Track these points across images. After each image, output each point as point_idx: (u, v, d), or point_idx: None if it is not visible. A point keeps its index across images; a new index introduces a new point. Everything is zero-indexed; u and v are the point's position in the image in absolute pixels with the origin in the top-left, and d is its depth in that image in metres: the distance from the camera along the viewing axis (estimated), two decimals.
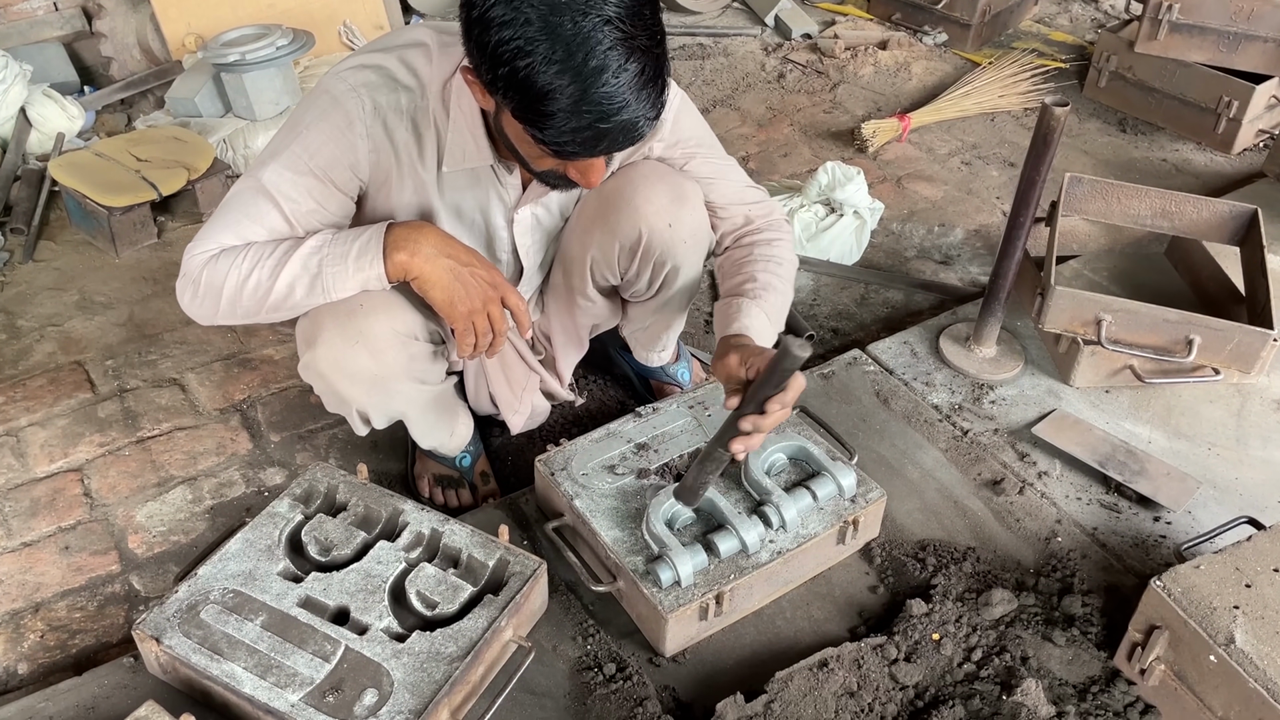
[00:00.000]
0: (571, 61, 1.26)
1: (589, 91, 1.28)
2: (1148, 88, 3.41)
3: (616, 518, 1.76)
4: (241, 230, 1.53)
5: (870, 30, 4.04)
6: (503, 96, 1.35)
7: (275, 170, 1.53)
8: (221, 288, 1.52)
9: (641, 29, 1.30)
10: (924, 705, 1.63)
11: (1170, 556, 1.89)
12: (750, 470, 1.79)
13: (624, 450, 1.88)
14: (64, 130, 3.04)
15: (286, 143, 1.54)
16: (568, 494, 1.79)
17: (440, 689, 1.51)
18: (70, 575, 1.91)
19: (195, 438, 2.19)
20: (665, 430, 1.92)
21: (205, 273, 1.53)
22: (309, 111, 1.55)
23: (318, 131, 1.53)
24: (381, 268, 1.50)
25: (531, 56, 1.27)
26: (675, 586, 1.66)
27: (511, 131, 1.44)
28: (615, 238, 1.77)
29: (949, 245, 2.88)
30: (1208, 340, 2.13)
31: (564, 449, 1.88)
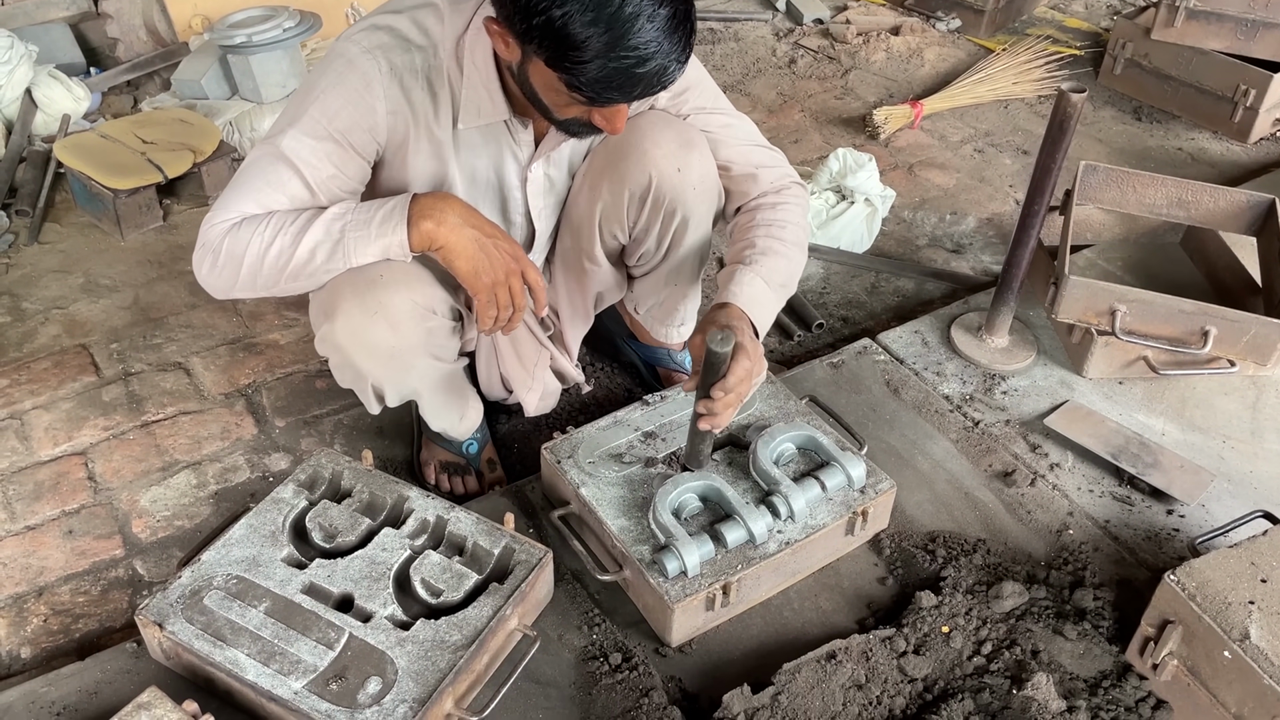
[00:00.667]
0: (606, 9, 1.30)
1: (624, 38, 1.31)
2: (1164, 75, 3.37)
3: (623, 506, 1.74)
4: (262, 198, 1.52)
5: (883, 16, 4.00)
6: (536, 46, 1.37)
7: (294, 136, 1.51)
8: (243, 256, 1.50)
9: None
10: (933, 698, 1.62)
11: (1183, 550, 1.87)
12: (758, 460, 1.78)
13: (631, 439, 1.86)
14: (69, 112, 3.03)
15: (303, 108, 1.52)
16: (574, 482, 1.77)
17: (444, 677, 1.50)
18: (73, 559, 1.90)
19: (200, 422, 2.18)
20: (673, 419, 1.90)
21: (226, 241, 1.51)
22: (324, 76, 1.53)
23: (335, 95, 1.51)
24: (405, 234, 1.50)
25: (566, 5, 1.30)
26: (681, 577, 1.64)
27: (540, 80, 1.44)
28: (625, 185, 1.74)
29: (961, 233, 2.85)
30: (1224, 331, 2.11)
31: (570, 437, 1.86)
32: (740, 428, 1.88)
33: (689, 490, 1.74)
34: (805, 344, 2.44)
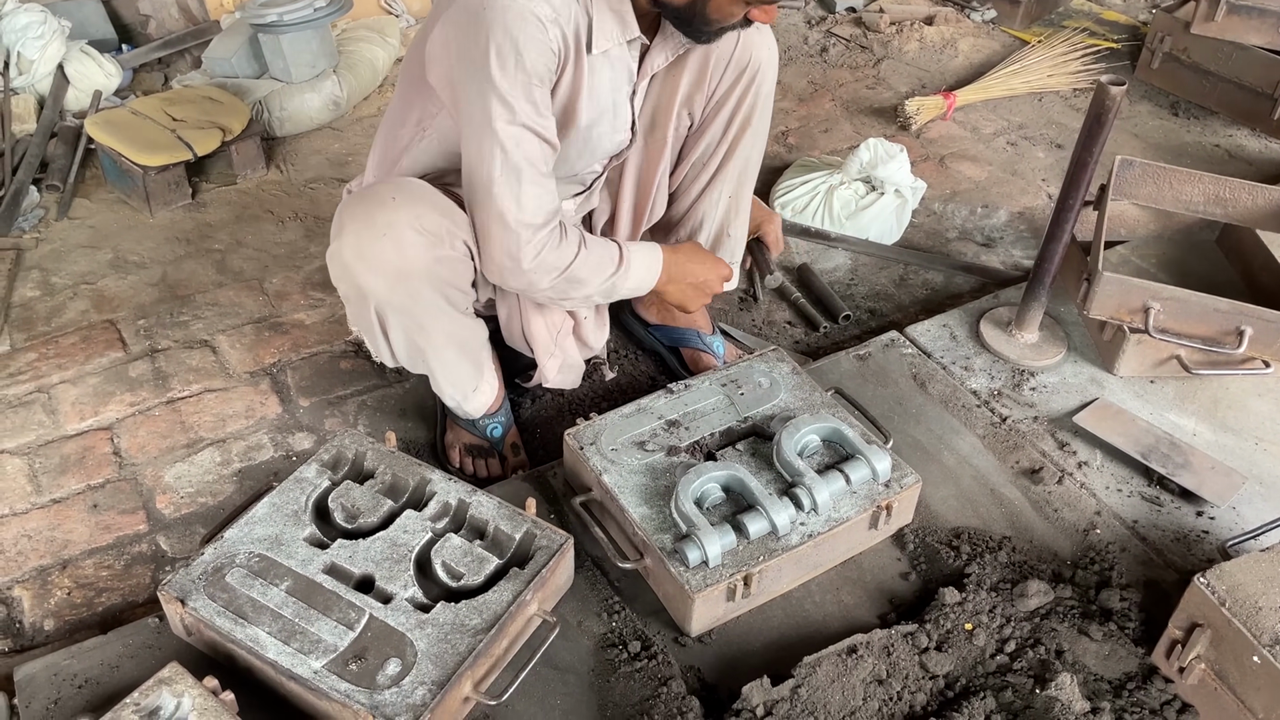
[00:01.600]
0: None
1: None
2: (1202, 70, 3.31)
3: (645, 494, 1.73)
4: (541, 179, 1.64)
5: (917, 5, 3.95)
6: None
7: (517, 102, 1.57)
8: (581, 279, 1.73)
9: None
10: (954, 695, 1.60)
11: (1212, 553, 1.84)
12: (782, 451, 1.76)
13: (654, 426, 1.85)
14: (101, 88, 3.04)
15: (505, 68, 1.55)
16: (596, 469, 1.77)
17: (464, 661, 1.49)
18: (98, 533, 1.91)
19: (225, 400, 2.19)
20: (696, 408, 1.89)
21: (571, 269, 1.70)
22: (505, 30, 1.53)
23: (527, 49, 1.54)
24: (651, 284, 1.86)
25: None
26: (703, 566, 1.63)
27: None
28: (714, 51, 1.86)
29: (992, 227, 2.82)
30: (1259, 332, 2.07)
31: (594, 423, 1.85)
32: (765, 418, 1.87)
33: (711, 480, 1.72)
34: (832, 335, 2.42)
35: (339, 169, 2.94)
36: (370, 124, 3.15)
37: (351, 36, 3.26)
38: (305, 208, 2.77)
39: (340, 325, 2.36)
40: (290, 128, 3.04)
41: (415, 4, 3.60)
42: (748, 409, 1.89)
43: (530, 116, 1.59)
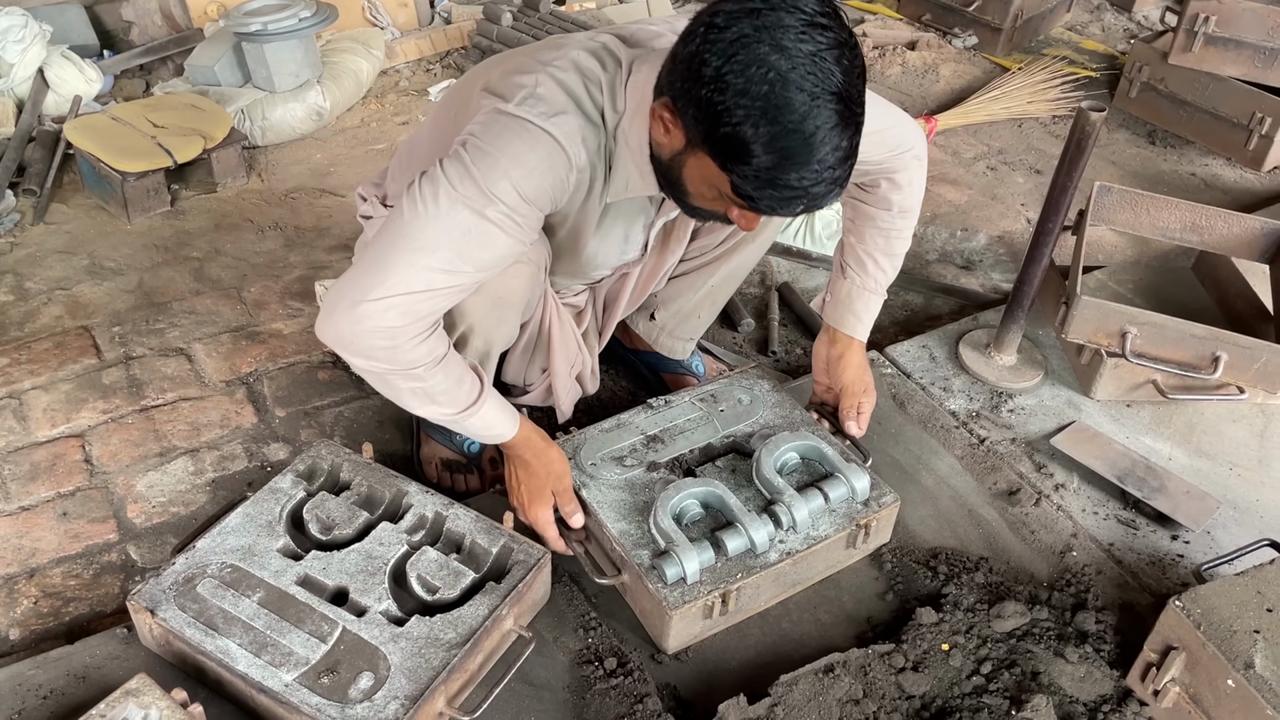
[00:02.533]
0: (796, 136, 1.28)
1: (805, 166, 1.31)
2: (1179, 100, 3.36)
3: (624, 510, 1.73)
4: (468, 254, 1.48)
5: (899, 30, 3.99)
6: (711, 148, 1.35)
7: (504, 205, 1.46)
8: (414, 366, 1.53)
9: (859, 105, 1.33)
10: (930, 716, 1.60)
11: (1187, 576, 1.85)
12: (761, 468, 1.76)
13: (634, 442, 1.85)
14: (81, 93, 3.01)
15: (509, 177, 1.45)
16: (576, 484, 1.76)
17: (438, 675, 1.48)
18: (67, 542, 1.88)
19: (199, 409, 2.16)
20: (676, 424, 1.89)
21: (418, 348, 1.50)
22: (527, 149, 1.46)
23: (540, 176, 1.48)
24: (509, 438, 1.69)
25: (758, 127, 1.28)
26: (681, 583, 1.62)
27: (697, 173, 1.42)
28: None
29: (971, 250, 2.84)
30: (1234, 358, 2.09)
31: (574, 437, 1.85)
32: (745, 435, 1.87)
33: (690, 496, 1.72)
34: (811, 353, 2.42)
35: (321, 179, 2.92)
36: (353, 135, 3.14)
37: (336, 47, 3.25)
38: (286, 217, 2.76)
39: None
40: (272, 137, 3.03)
41: (400, 17, 3.61)
42: (727, 425, 1.89)
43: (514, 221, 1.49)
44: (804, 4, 1.30)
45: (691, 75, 1.32)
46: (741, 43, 1.27)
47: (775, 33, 1.27)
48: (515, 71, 1.53)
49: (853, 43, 1.32)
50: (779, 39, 1.27)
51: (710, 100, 1.30)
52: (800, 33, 1.27)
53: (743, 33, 1.28)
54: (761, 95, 1.27)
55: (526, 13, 3.51)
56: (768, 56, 1.26)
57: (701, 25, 1.33)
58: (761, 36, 1.27)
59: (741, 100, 1.28)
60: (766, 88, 1.27)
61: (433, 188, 1.46)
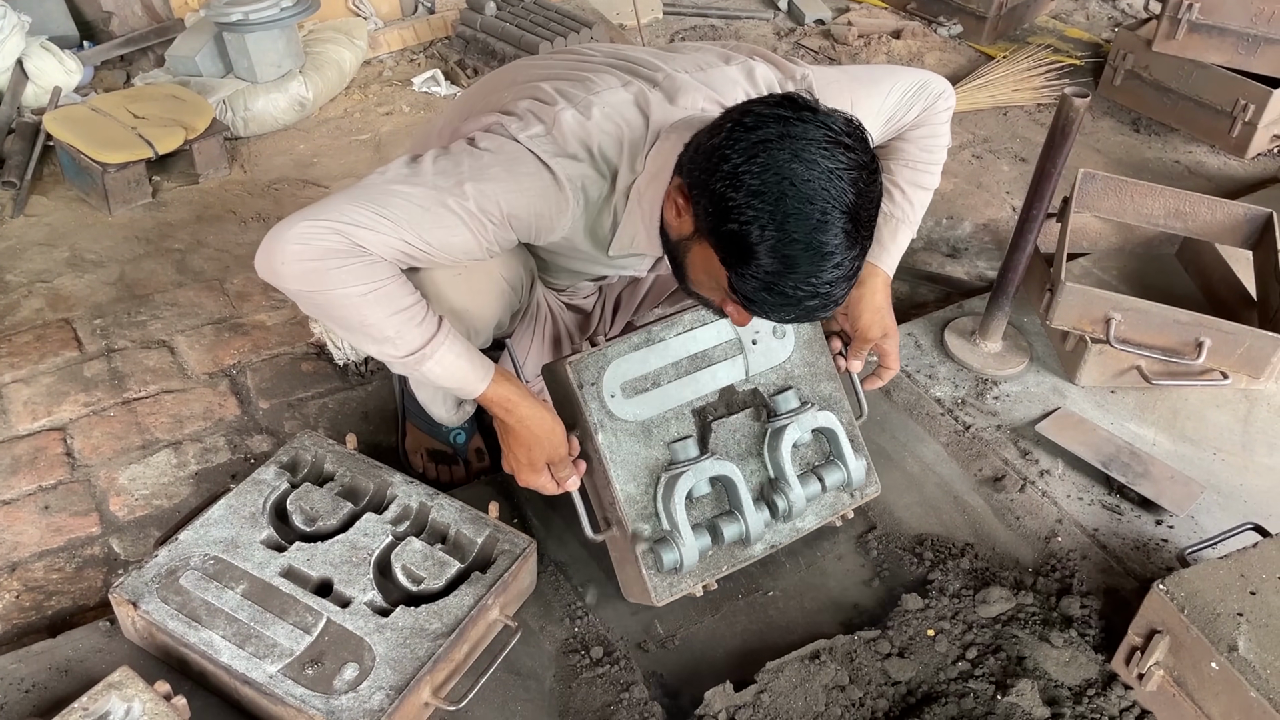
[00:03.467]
0: (800, 248, 1.29)
1: (806, 279, 1.31)
2: (1163, 88, 3.36)
3: (634, 468, 1.63)
4: (417, 227, 1.43)
5: (885, 18, 3.99)
6: (716, 243, 1.35)
7: (476, 206, 1.44)
8: (339, 289, 1.40)
9: (868, 228, 1.34)
10: (916, 701, 1.60)
11: (1171, 561, 1.86)
12: (778, 449, 1.69)
13: (660, 369, 1.69)
14: (61, 84, 2.98)
15: (494, 194, 1.44)
16: (591, 424, 1.62)
17: (423, 665, 1.47)
18: (49, 535, 1.87)
19: (182, 401, 2.15)
20: (707, 350, 1.73)
21: (338, 267, 1.39)
22: (526, 178, 1.46)
23: (529, 202, 1.47)
24: (478, 395, 1.55)
25: (765, 230, 1.29)
26: (673, 572, 1.62)
27: (700, 262, 1.42)
28: None
29: (957, 238, 2.84)
30: (1218, 343, 2.10)
31: (599, 353, 1.65)
32: (770, 389, 1.77)
33: (702, 476, 1.65)
34: None
35: (304, 170, 2.91)
36: (336, 125, 3.12)
37: (318, 38, 3.23)
38: (269, 208, 2.74)
39: (301, 327, 2.32)
40: (255, 128, 3.01)
41: (384, 7, 3.58)
42: (756, 365, 1.76)
43: (477, 220, 1.46)
44: (833, 121, 1.31)
45: (710, 167, 1.33)
46: (764, 145, 1.29)
47: (799, 143, 1.28)
48: (545, 98, 1.51)
49: (874, 167, 1.33)
50: (801, 149, 1.28)
51: (723, 195, 1.31)
52: (823, 147, 1.28)
53: (767, 136, 1.29)
54: (774, 200, 1.27)
55: (510, 2, 3.49)
56: (787, 164, 1.27)
57: (730, 121, 1.33)
58: (785, 144, 1.28)
59: (754, 201, 1.28)
60: (780, 193, 1.27)
61: (415, 165, 1.45)
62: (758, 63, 1.63)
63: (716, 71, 1.60)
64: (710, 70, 1.60)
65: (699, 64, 1.62)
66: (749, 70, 1.62)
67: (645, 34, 3.67)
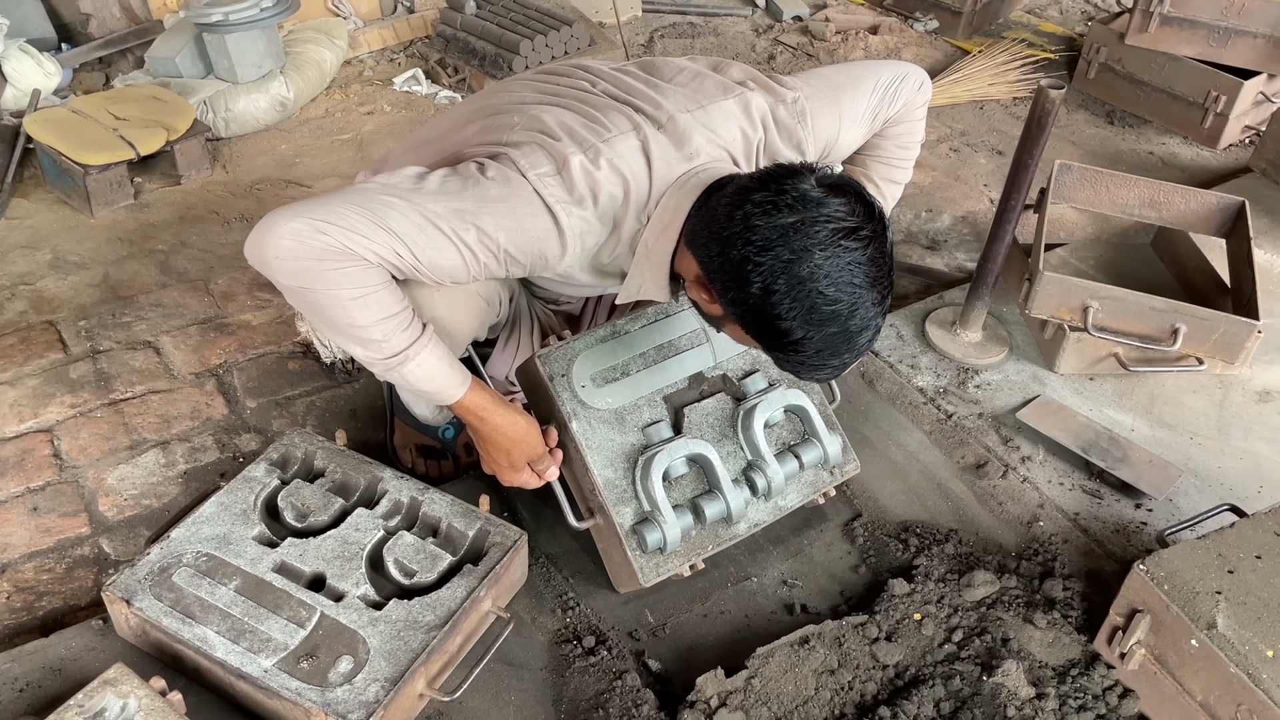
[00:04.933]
0: (841, 335, 1.40)
1: (849, 351, 1.43)
2: (1136, 80, 3.41)
3: (611, 455, 1.68)
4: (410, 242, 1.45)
5: (861, 15, 4.02)
6: (756, 336, 1.45)
7: (474, 239, 1.46)
8: (329, 289, 1.42)
9: (890, 282, 1.42)
10: (904, 684, 1.63)
11: (1151, 543, 1.89)
12: (751, 429, 1.74)
13: (628, 360, 1.74)
14: (40, 87, 2.97)
15: (494, 228, 1.47)
16: (565, 413, 1.67)
17: (417, 657, 1.49)
18: (38, 536, 1.87)
19: (169, 401, 2.15)
20: (673, 340, 1.79)
21: (333, 269, 1.41)
22: (528, 219, 1.48)
23: (526, 242, 1.50)
24: (453, 401, 1.60)
25: (806, 331, 1.39)
26: (658, 553, 1.64)
27: (741, 335, 1.50)
28: None
29: (936, 231, 2.87)
30: (1193, 330, 2.13)
31: (566, 346, 1.71)
32: (739, 373, 1.81)
33: (679, 455, 1.69)
34: None
35: (286, 170, 2.91)
36: (318, 125, 3.12)
37: (299, 38, 3.23)
38: (251, 209, 2.74)
39: (288, 326, 2.33)
40: (236, 128, 3.01)
41: (363, 7, 3.58)
42: (723, 352, 1.81)
43: (470, 249, 1.48)
44: (831, 209, 1.37)
45: (736, 284, 1.41)
46: (783, 268, 1.36)
47: (812, 255, 1.35)
48: (552, 133, 1.52)
49: (880, 229, 1.40)
50: (815, 261, 1.35)
51: (759, 307, 1.40)
52: (835, 246, 1.35)
53: (781, 258, 1.36)
54: (807, 310, 1.37)
55: (490, 0, 3.50)
56: (808, 280, 1.36)
57: (739, 240, 1.39)
58: (800, 261, 1.35)
59: (790, 313, 1.38)
60: (810, 304, 1.37)
61: (420, 183, 1.47)
62: (753, 93, 1.64)
63: (715, 108, 1.61)
64: (709, 107, 1.61)
65: (698, 99, 1.62)
66: (745, 104, 1.63)
67: (624, 31, 3.68)
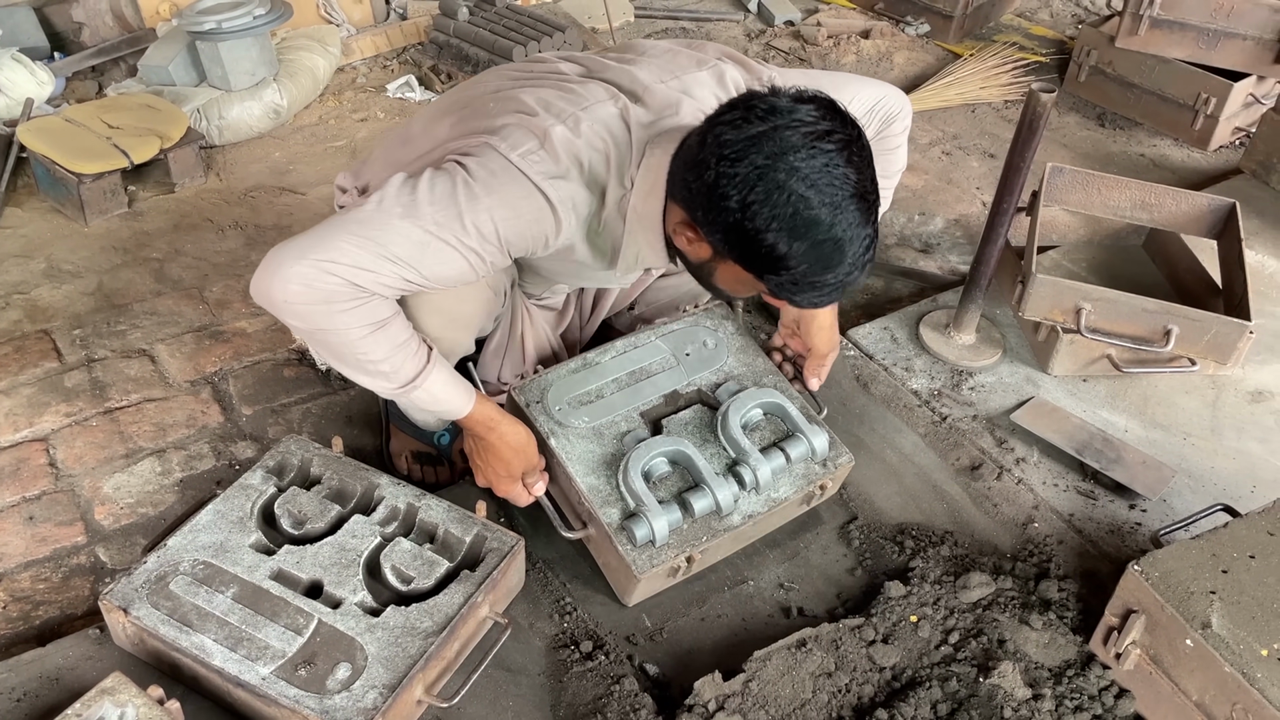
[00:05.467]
0: (827, 245, 1.36)
1: (839, 266, 1.39)
2: (1127, 83, 3.42)
3: (592, 463, 1.72)
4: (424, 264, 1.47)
5: (853, 19, 4.04)
6: (744, 263, 1.42)
7: (474, 235, 1.47)
8: (343, 331, 1.47)
9: (875, 193, 1.40)
10: (901, 686, 1.63)
11: (1145, 543, 1.90)
12: (728, 426, 1.76)
13: (601, 386, 1.81)
14: (33, 96, 2.96)
15: (487, 211, 1.47)
16: (544, 432, 1.73)
17: (415, 664, 1.49)
18: (34, 546, 1.87)
19: (165, 409, 2.15)
20: (643, 365, 1.85)
21: (347, 311, 1.45)
22: (519, 202, 1.48)
23: (520, 226, 1.50)
24: (459, 416, 1.65)
25: (791, 244, 1.35)
26: (649, 545, 1.65)
27: (732, 276, 1.48)
28: None
29: (929, 234, 2.88)
30: (1185, 331, 2.14)
31: (540, 378, 1.80)
32: (710, 385, 1.85)
33: (659, 454, 1.72)
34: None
35: (280, 177, 2.91)
36: (311, 133, 3.12)
37: (292, 45, 3.23)
38: (246, 216, 2.74)
39: (283, 333, 2.33)
40: (230, 136, 3.01)
41: (356, 13, 3.59)
42: (693, 371, 1.86)
43: (473, 247, 1.50)
44: (802, 114, 1.35)
45: (714, 205, 1.38)
46: (758, 175, 1.33)
47: (786, 157, 1.32)
48: (529, 110, 1.53)
49: (857, 134, 1.37)
50: (791, 162, 1.32)
51: (739, 225, 1.37)
52: (809, 149, 1.33)
53: (755, 164, 1.33)
54: (788, 217, 1.33)
55: (483, 7, 3.51)
56: (786, 183, 1.32)
57: (712, 157, 1.37)
58: (775, 164, 1.33)
59: (771, 224, 1.34)
60: (791, 210, 1.33)
61: (412, 195, 1.47)
62: (727, 65, 1.66)
63: (689, 78, 1.63)
64: (684, 77, 1.63)
65: (672, 70, 1.64)
66: (719, 74, 1.65)
67: (617, 37, 3.69)
